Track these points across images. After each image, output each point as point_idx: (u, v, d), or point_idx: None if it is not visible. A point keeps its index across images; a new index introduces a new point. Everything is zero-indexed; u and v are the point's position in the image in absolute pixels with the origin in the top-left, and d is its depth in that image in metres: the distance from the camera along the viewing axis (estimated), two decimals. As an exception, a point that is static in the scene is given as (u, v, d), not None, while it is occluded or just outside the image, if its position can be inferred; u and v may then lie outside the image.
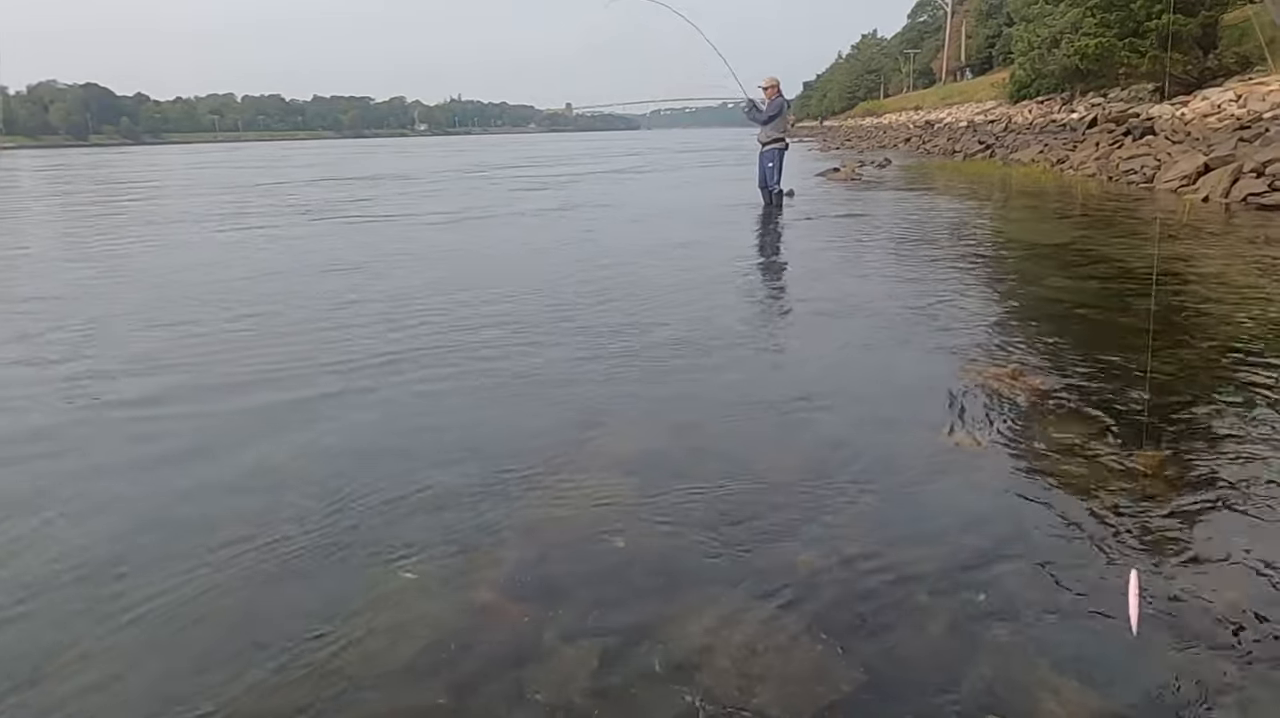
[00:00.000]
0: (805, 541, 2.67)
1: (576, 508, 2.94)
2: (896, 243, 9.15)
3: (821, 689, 1.97)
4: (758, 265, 8.46)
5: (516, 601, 2.38)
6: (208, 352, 5.15)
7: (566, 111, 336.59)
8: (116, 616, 2.34)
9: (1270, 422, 3.52)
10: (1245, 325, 5.07)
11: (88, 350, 5.23)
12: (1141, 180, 14.26)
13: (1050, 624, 2.20)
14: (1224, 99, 16.61)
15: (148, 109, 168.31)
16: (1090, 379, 4.15)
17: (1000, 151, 24.58)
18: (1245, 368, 4.27)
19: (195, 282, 7.70)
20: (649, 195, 17.32)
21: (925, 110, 49.72)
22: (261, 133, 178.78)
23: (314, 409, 4.03)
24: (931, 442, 3.48)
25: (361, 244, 10.20)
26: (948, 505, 2.91)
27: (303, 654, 2.16)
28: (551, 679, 2.04)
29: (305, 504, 2.99)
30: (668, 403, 4.06)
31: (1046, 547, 2.60)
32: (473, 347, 5.07)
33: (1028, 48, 28.42)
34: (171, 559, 2.64)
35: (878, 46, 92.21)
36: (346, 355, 4.92)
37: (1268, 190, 10.62)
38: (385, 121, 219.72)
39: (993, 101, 37.23)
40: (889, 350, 4.90)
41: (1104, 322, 5.44)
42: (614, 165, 29.36)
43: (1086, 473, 3.10)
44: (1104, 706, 1.90)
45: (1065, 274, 7.03)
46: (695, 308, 6.02)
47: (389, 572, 2.54)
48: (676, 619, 2.26)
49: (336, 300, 6.60)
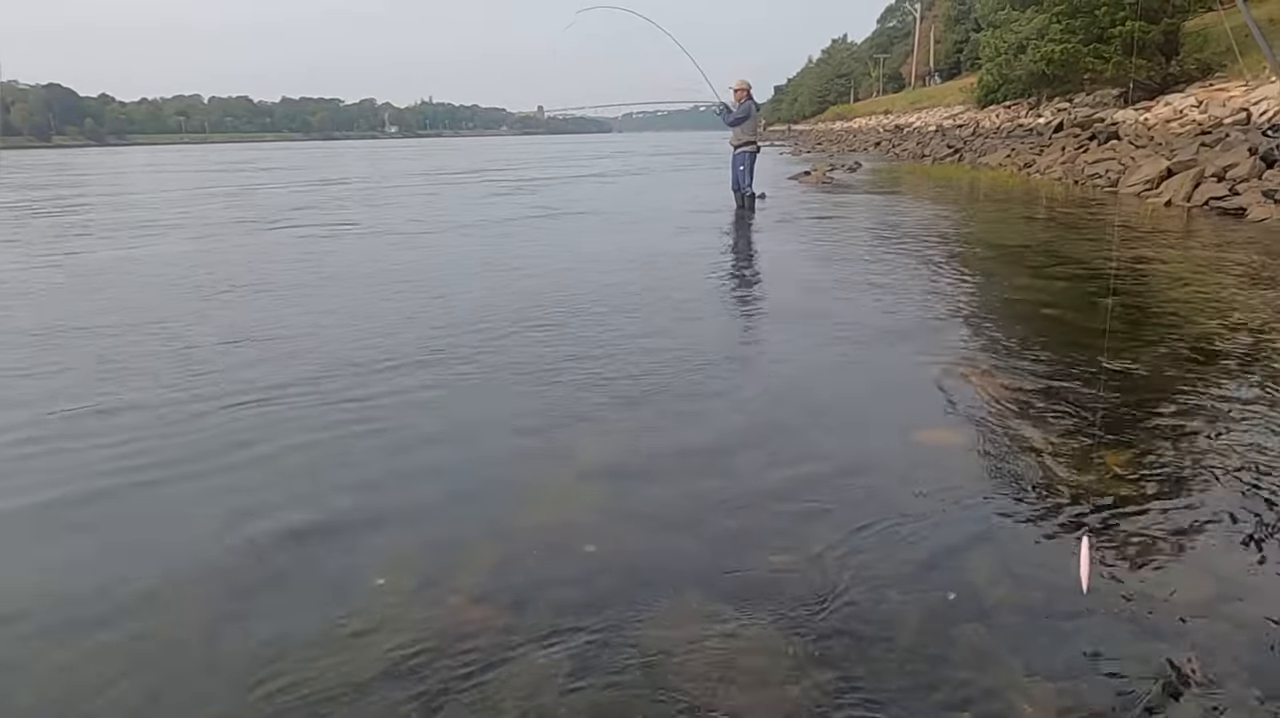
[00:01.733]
0: (776, 541, 2.66)
1: (547, 511, 2.91)
2: (867, 245, 9.21)
3: (794, 691, 1.96)
4: (731, 268, 8.47)
5: (486, 606, 2.34)
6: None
7: (538, 114, 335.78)
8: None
9: (1230, 417, 3.57)
10: (1205, 326, 5.15)
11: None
12: (1106, 184, 14.48)
13: (1020, 623, 2.20)
14: (1186, 105, 16.94)
15: (112, 110, 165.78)
16: (1058, 378, 4.18)
17: (969, 155, 24.86)
18: (1204, 367, 4.34)
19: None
20: (625, 200, 17.28)
21: (895, 114, 50.24)
22: (229, 134, 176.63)
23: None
24: (902, 441, 3.49)
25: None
26: (919, 504, 2.91)
27: (268, 665, 2.11)
28: (523, 684, 2.01)
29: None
30: (639, 406, 4.05)
31: (1015, 545, 2.61)
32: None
33: (995, 53, 28.83)
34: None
35: (848, 51, 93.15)
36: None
37: (1228, 195, 10.82)
38: (355, 124, 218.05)
39: (961, 106, 37.71)
40: (860, 351, 4.92)
41: (1069, 321, 5.51)
42: (590, 170, 29.33)
43: (1053, 470, 3.13)
44: (1073, 705, 1.90)
45: (1032, 275, 7.11)
46: (658, 318, 6.02)
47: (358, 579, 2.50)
48: (648, 623, 2.24)
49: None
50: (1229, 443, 3.33)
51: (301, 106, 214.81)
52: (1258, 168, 10.93)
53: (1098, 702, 1.91)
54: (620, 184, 21.51)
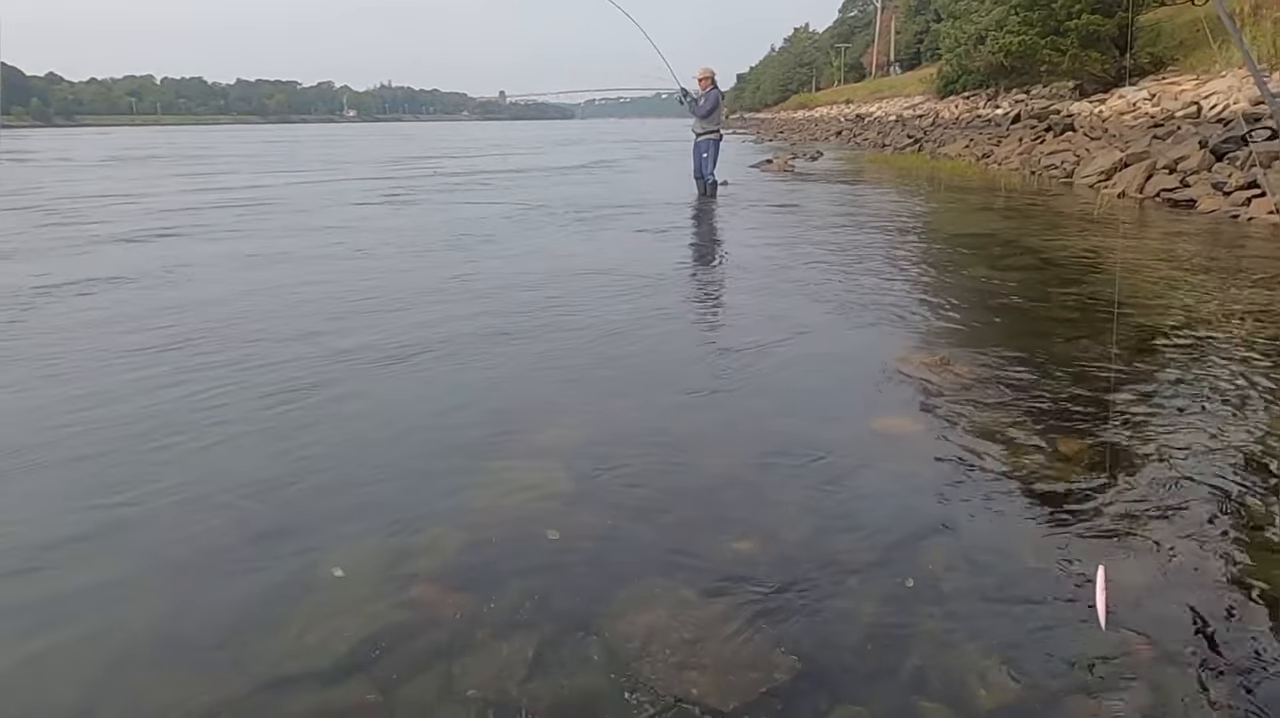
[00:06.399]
0: (741, 528, 2.68)
1: (512, 498, 2.91)
2: (826, 233, 9.27)
3: (757, 677, 1.98)
4: (691, 257, 8.49)
5: (451, 592, 2.34)
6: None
7: (500, 99, 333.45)
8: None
9: (1190, 404, 3.66)
10: (1165, 313, 5.28)
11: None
12: (1062, 175, 14.72)
13: (977, 609, 2.25)
14: (1139, 98, 17.22)
15: (60, 90, 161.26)
16: (1014, 366, 4.26)
17: (928, 145, 25.09)
18: (1164, 353, 4.44)
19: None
20: (588, 191, 17.18)
21: (856, 104, 50.54)
22: (182, 116, 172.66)
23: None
24: (863, 429, 3.54)
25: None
26: (878, 492, 2.96)
27: (229, 650, 2.09)
28: (485, 673, 2.01)
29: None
30: (603, 384, 4.05)
31: (972, 532, 2.66)
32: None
33: (955, 44, 29.13)
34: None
35: (810, 40, 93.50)
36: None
37: (1179, 187, 11.04)
38: (313, 107, 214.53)
39: (921, 96, 38.03)
40: (820, 341, 4.96)
41: (1026, 310, 5.61)
42: (554, 162, 29.14)
43: (1011, 459, 3.19)
44: (1029, 690, 1.95)
45: (990, 265, 7.21)
46: (620, 307, 6.02)
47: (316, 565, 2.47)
48: (612, 610, 2.25)
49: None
50: (1180, 427, 3.42)
51: (258, 89, 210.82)
52: (1207, 160, 11.17)
53: (1051, 684, 1.95)
54: (590, 174, 21.39)
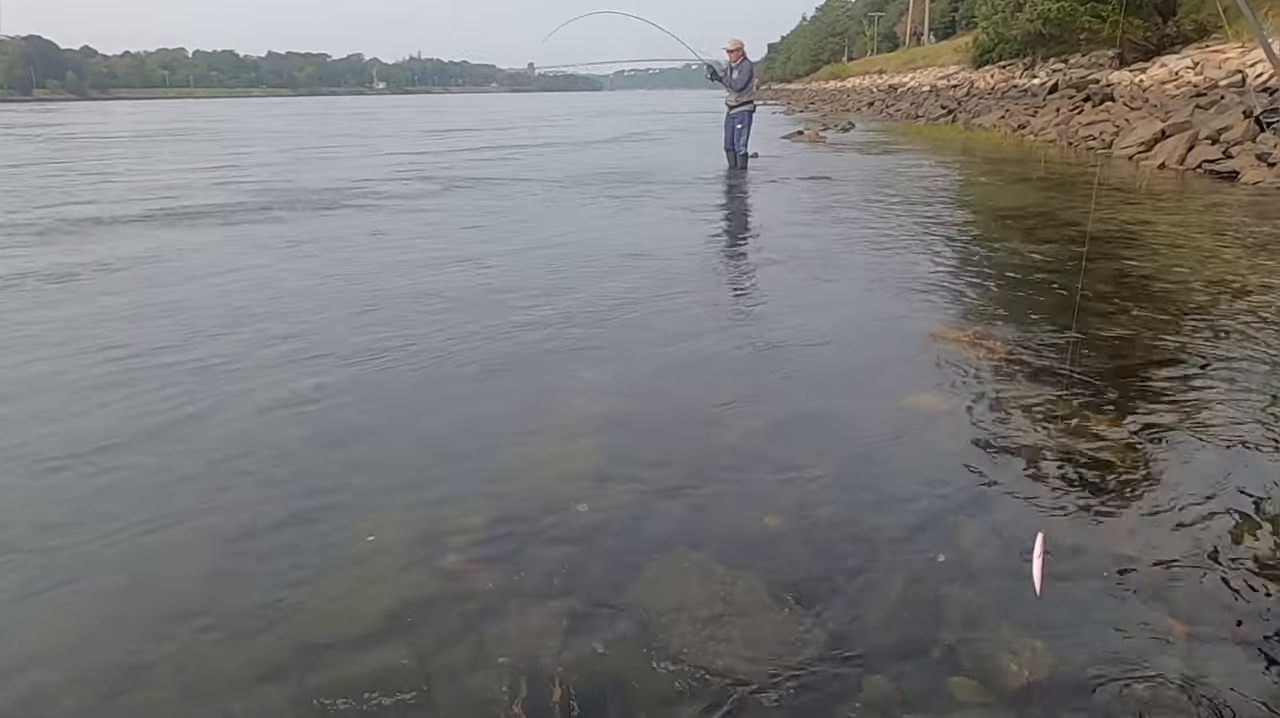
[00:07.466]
0: (770, 504, 2.68)
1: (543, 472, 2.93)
2: (859, 207, 9.17)
3: (786, 652, 1.99)
4: (724, 230, 8.44)
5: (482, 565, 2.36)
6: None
7: (529, 71, 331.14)
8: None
9: (1225, 382, 3.60)
10: (1197, 289, 5.17)
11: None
12: (1100, 146, 14.42)
13: (1008, 586, 2.23)
14: (1181, 66, 16.78)
15: (95, 63, 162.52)
16: (1050, 341, 4.20)
17: (962, 116, 24.70)
18: (1199, 330, 4.35)
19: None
20: (622, 163, 17.11)
21: (889, 74, 49.70)
22: (214, 89, 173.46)
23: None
24: (894, 405, 3.51)
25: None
26: (908, 468, 2.94)
27: (264, 617, 2.13)
28: (517, 642, 2.03)
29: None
30: (635, 361, 4.06)
31: (1005, 508, 2.64)
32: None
33: (991, 11, 28.42)
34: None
35: (842, 9, 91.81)
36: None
37: (1221, 158, 10.78)
38: (343, 79, 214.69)
39: (955, 66, 37.31)
40: (853, 315, 4.92)
41: (1063, 285, 5.51)
42: (587, 135, 29.00)
43: (1044, 435, 3.15)
44: (1059, 663, 1.94)
45: (1025, 238, 7.09)
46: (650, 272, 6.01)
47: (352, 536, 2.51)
48: (642, 582, 2.26)
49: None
50: (1214, 403, 3.36)
51: (288, 61, 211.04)
52: (1251, 130, 10.88)
53: (1084, 660, 1.94)
54: (623, 148, 21.28)
